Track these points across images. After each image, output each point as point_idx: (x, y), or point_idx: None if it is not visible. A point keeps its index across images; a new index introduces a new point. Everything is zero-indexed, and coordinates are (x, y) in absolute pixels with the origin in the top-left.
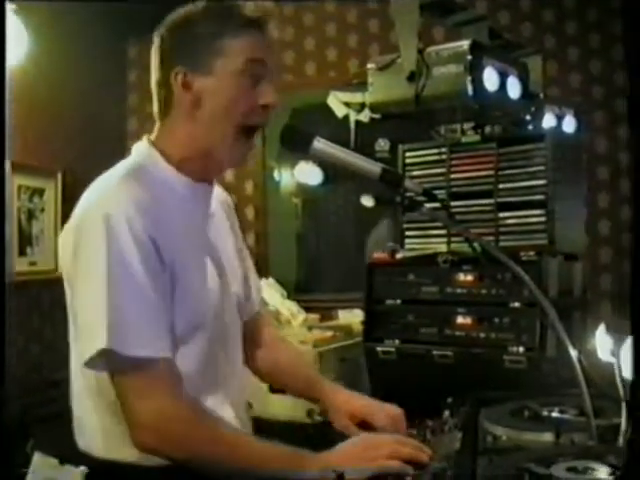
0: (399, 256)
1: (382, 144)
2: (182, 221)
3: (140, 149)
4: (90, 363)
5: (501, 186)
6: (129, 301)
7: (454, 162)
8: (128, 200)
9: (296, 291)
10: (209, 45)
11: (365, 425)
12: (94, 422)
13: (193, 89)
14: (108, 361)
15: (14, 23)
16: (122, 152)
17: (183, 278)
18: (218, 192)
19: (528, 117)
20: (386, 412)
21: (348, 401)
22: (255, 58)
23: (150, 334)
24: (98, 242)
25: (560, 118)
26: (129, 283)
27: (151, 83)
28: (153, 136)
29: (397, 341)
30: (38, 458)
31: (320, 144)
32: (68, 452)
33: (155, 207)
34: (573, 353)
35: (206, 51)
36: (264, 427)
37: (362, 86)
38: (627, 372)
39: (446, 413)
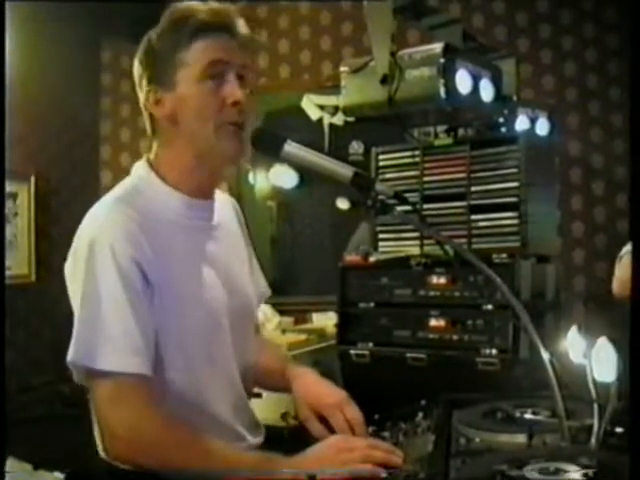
0: (372, 259)
1: (356, 147)
2: (177, 238)
3: (137, 170)
4: (76, 377)
5: (474, 189)
6: (101, 319)
7: (427, 165)
8: (114, 226)
9: (270, 294)
10: (168, 60)
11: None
12: None
13: (165, 106)
14: (79, 373)
15: None
16: (96, 156)
17: (175, 293)
18: (222, 200)
19: (501, 120)
20: (345, 415)
21: (309, 393)
22: (213, 60)
23: (120, 350)
24: (82, 265)
25: (533, 120)
26: (104, 303)
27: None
28: (152, 154)
29: (370, 344)
30: (12, 463)
31: (291, 147)
32: (41, 457)
33: (144, 229)
34: (545, 355)
35: (167, 67)
36: None
37: (336, 89)
38: (598, 374)
39: (419, 415)
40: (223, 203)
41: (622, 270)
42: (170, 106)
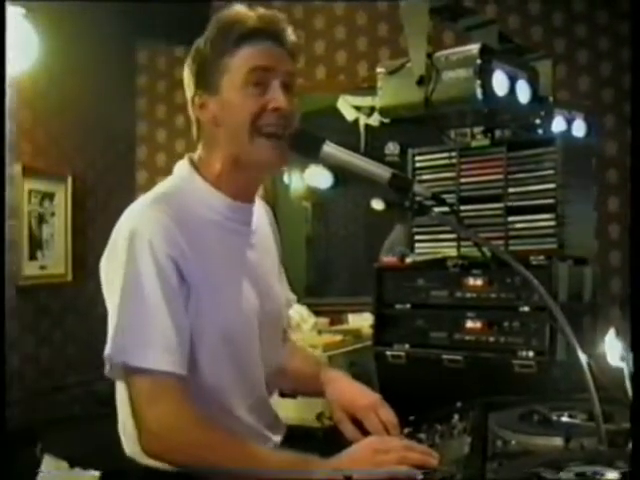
0: (408, 260)
1: (392, 148)
2: (216, 239)
3: (180, 169)
4: (108, 372)
5: (511, 190)
6: (137, 316)
7: (464, 166)
8: (153, 222)
9: (306, 295)
10: (214, 66)
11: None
12: (132, 428)
13: (209, 110)
14: (113, 368)
15: (24, 27)
16: (131, 156)
17: (211, 295)
18: (260, 206)
19: (538, 121)
20: (379, 416)
21: (343, 396)
22: (257, 67)
23: (155, 347)
24: (121, 259)
25: (570, 122)
26: (143, 298)
27: None
28: (195, 155)
29: (407, 345)
30: (48, 461)
31: (330, 148)
32: (77, 455)
33: (182, 228)
34: (583, 357)
35: (213, 72)
36: None
37: (372, 90)
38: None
39: (455, 417)
40: (257, 208)
41: None
42: (213, 110)
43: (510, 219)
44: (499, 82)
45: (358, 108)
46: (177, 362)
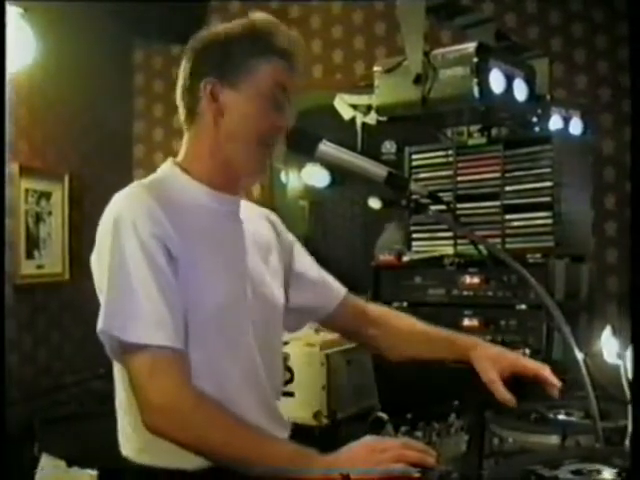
0: (405, 258)
1: (388, 146)
2: (200, 222)
3: (162, 167)
4: (109, 352)
5: (507, 188)
6: (126, 293)
7: (460, 164)
8: (136, 205)
9: None
10: (241, 63)
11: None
12: (129, 428)
13: (219, 100)
14: (111, 345)
15: (21, 26)
16: (128, 155)
17: (198, 274)
18: (255, 208)
19: (535, 119)
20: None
21: (500, 357)
22: (280, 83)
23: (146, 322)
24: (108, 241)
25: (567, 120)
26: (130, 276)
27: (176, 94)
28: (180, 153)
29: None
30: (46, 460)
31: (326, 147)
32: (75, 454)
33: (166, 209)
34: (579, 355)
35: (238, 68)
36: None
37: (369, 88)
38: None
39: (452, 416)
40: (257, 215)
41: None
42: (224, 102)
43: (507, 217)
44: (496, 80)
45: (355, 106)
46: (172, 336)
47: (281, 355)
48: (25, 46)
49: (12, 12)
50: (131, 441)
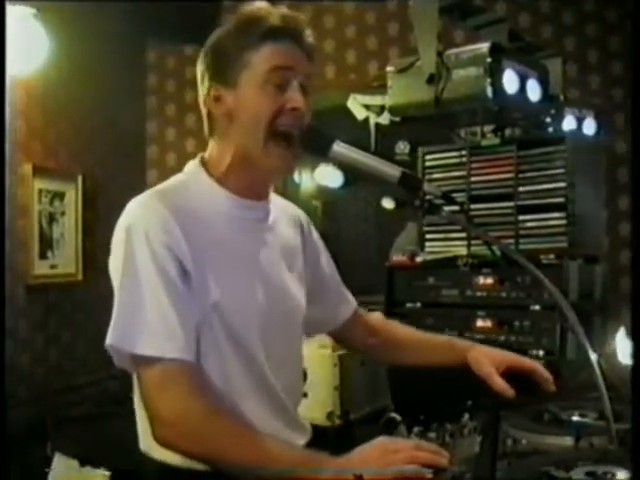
0: (419, 259)
1: (402, 147)
2: (220, 232)
3: (189, 165)
4: (118, 362)
5: (521, 189)
6: (137, 304)
7: (474, 165)
8: (149, 214)
9: None
10: (235, 60)
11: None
12: (145, 422)
13: (225, 104)
14: (121, 357)
15: (34, 27)
16: (141, 155)
17: (212, 286)
18: (287, 209)
19: (548, 119)
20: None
21: (492, 352)
22: (278, 66)
23: (156, 335)
24: (119, 250)
25: (580, 120)
26: (141, 288)
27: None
28: (206, 153)
29: None
30: (58, 459)
31: (340, 147)
32: (87, 454)
33: (181, 219)
34: (593, 356)
35: (232, 66)
36: None
37: (382, 89)
38: None
39: (465, 416)
40: (287, 217)
41: None
42: (229, 104)
43: (520, 218)
44: (509, 80)
45: (368, 107)
46: (182, 348)
47: (301, 363)
48: (38, 47)
49: (25, 13)
50: (148, 435)
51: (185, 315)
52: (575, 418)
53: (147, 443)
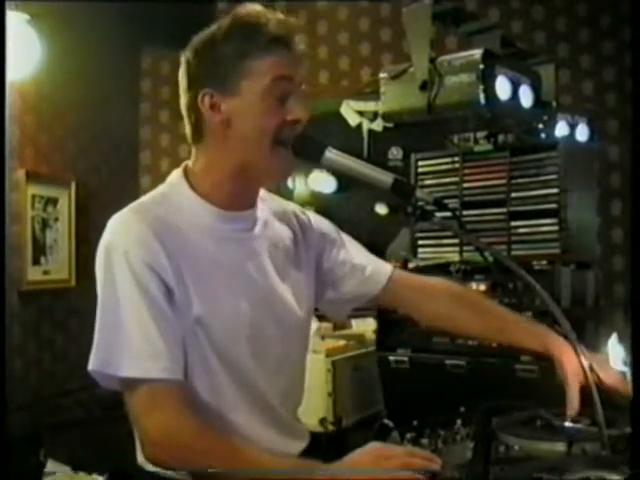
0: (411, 265)
1: (395, 153)
2: (203, 246)
3: (172, 177)
4: (103, 383)
5: (513, 195)
6: (119, 326)
7: (467, 171)
8: (129, 233)
9: None
10: (234, 66)
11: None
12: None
13: (222, 111)
14: (104, 379)
15: (28, 33)
16: (135, 161)
17: (196, 299)
18: (279, 208)
19: (541, 125)
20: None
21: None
22: (281, 76)
23: (139, 356)
24: (99, 272)
25: (573, 126)
26: (121, 309)
27: (181, 107)
28: (190, 162)
29: (409, 350)
30: (52, 465)
31: (332, 154)
32: (80, 459)
33: (159, 236)
34: (585, 363)
35: (232, 72)
36: None
37: (375, 95)
38: None
39: (458, 422)
40: (280, 217)
41: None
42: (227, 112)
43: (513, 224)
44: (502, 87)
45: (361, 113)
46: (168, 367)
47: (302, 365)
48: (31, 52)
49: (18, 19)
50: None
51: (169, 333)
52: (567, 424)
53: (142, 458)
